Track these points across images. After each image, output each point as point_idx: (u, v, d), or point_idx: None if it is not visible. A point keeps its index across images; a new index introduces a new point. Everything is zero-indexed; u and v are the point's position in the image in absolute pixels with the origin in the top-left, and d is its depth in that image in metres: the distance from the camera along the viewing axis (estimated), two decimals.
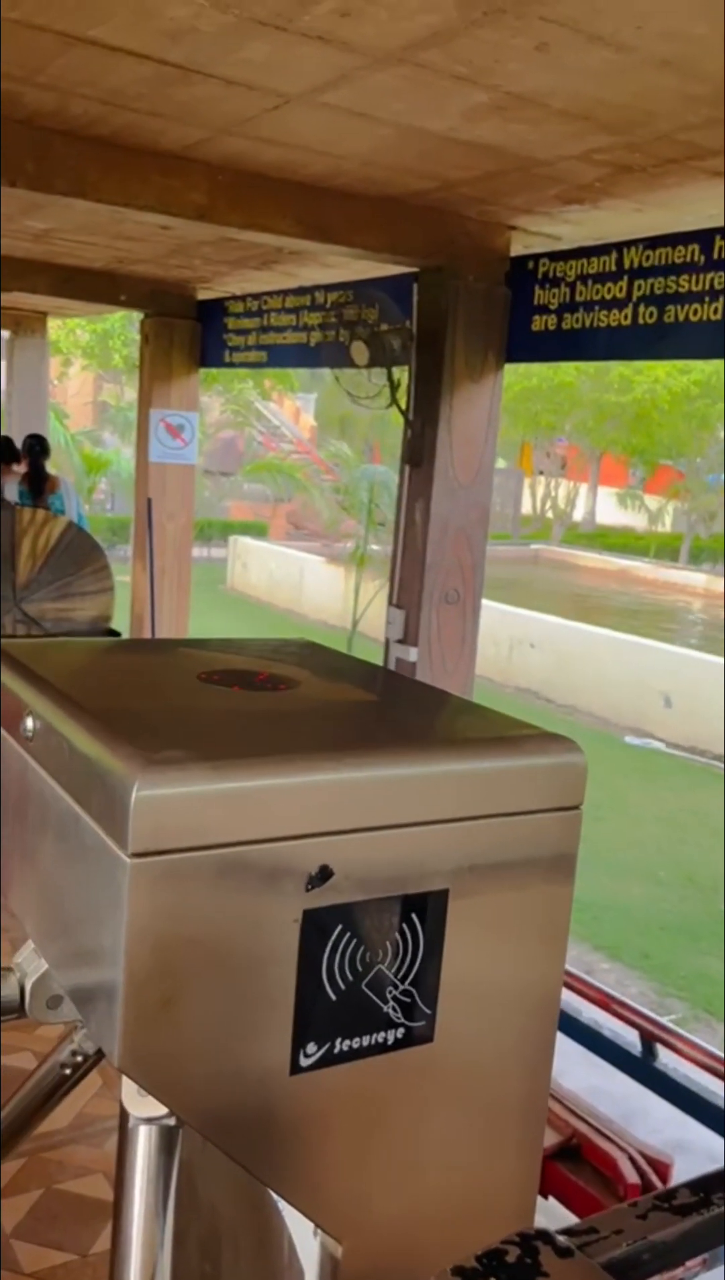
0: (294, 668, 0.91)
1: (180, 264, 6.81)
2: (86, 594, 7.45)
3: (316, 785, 0.63)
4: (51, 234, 6.20)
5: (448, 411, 5.25)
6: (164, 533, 8.22)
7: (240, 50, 3.09)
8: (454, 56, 3.02)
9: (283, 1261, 0.78)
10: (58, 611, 7.38)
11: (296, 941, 0.64)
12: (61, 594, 7.38)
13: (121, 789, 0.59)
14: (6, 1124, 0.95)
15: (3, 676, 0.84)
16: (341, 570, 17.64)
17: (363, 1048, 0.69)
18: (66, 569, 7.31)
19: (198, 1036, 0.63)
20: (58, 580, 7.31)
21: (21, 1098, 0.93)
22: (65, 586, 7.36)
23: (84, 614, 7.45)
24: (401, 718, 0.81)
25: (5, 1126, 0.95)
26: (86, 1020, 0.68)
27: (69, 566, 7.32)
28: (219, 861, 0.60)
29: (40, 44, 3.17)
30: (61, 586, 7.34)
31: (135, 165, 4.20)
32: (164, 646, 1.01)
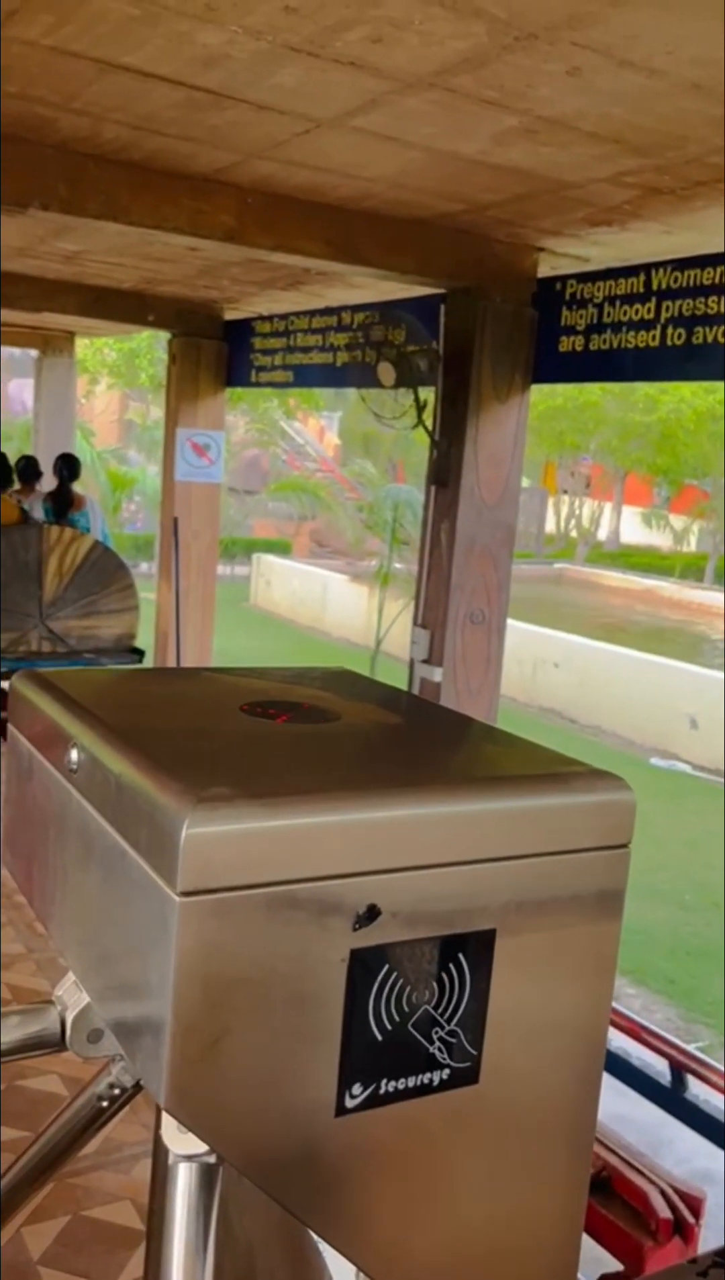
0: (335, 698, 0.91)
1: (208, 285, 6.87)
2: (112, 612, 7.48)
3: (366, 823, 0.62)
4: (81, 255, 6.27)
5: (474, 432, 5.26)
6: (189, 551, 8.26)
7: (272, 76, 3.12)
8: (485, 81, 3.04)
9: None
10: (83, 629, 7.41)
11: (343, 981, 0.63)
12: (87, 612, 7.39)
13: (171, 826, 0.58)
14: (41, 1155, 0.95)
15: (45, 706, 0.84)
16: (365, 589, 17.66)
17: (408, 1089, 0.68)
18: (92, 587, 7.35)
19: (244, 1076, 0.62)
20: (83, 598, 7.36)
21: (57, 1129, 0.93)
22: (91, 605, 7.40)
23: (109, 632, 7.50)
24: (449, 753, 0.80)
25: (40, 1158, 0.95)
26: (130, 1057, 0.68)
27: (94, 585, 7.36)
28: (267, 900, 0.60)
29: (75, 70, 3.21)
30: (87, 605, 7.38)
31: (166, 188, 4.25)
32: (203, 676, 1.00)
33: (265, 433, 22.74)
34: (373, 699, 0.96)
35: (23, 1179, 0.97)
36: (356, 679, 1.02)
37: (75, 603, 7.39)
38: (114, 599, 7.54)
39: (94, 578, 7.39)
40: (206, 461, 8.15)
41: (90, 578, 7.38)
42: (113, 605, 7.54)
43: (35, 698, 0.86)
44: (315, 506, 20.53)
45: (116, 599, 7.55)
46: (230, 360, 7.98)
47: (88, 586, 7.38)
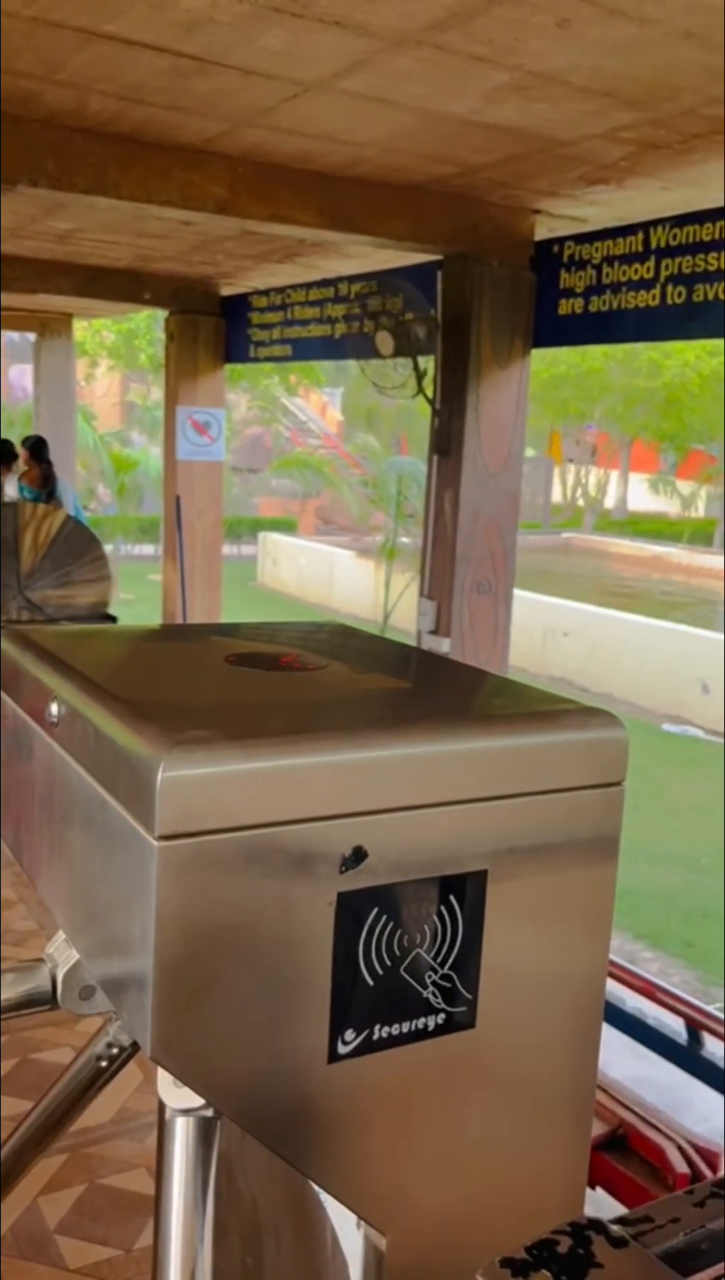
0: (325, 650, 0.89)
1: (203, 260, 6.81)
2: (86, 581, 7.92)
3: (348, 764, 0.61)
4: (75, 234, 6.22)
5: (475, 399, 5.21)
6: (193, 531, 8.24)
7: (257, 39, 3.07)
8: (473, 36, 2.98)
9: (326, 1254, 0.76)
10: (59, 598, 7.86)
11: (331, 925, 0.62)
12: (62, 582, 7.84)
13: (147, 770, 0.57)
14: (44, 1118, 0.94)
15: (28, 663, 0.83)
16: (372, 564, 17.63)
17: (403, 1034, 0.67)
18: (66, 559, 7.79)
19: (232, 1024, 0.61)
20: (58, 569, 7.81)
21: (59, 1092, 0.92)
22: (65, 575, 7.84)
23: (84, 600, 7.94)
24: (435, 695, 0.79)
25: (43, 1121, 0.94)
26: (119, 1011, 0.67)
27: (68, 557, 7.79)
28: (249, 843, 0.58)
29: (58, 41, 3.17)
30: (62, 575, 7.83)
31: (156, 161, 4.20)
32: (192, 632, 0.99)
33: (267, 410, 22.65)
34: (363, 650, 0.94)
35: (28, 1140, 0.97)
36: (351, 633, 1.00)
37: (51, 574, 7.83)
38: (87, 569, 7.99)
39: (67, 550, 7.82)
40: (208, 439, 8.11)
41: (64, 550, 7.82)
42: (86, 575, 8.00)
43: (18, 656, 0.84)
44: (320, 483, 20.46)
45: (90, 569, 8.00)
46: (228, 336, 7.92)
47: (62, 559, 7.82)
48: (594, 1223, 0.46)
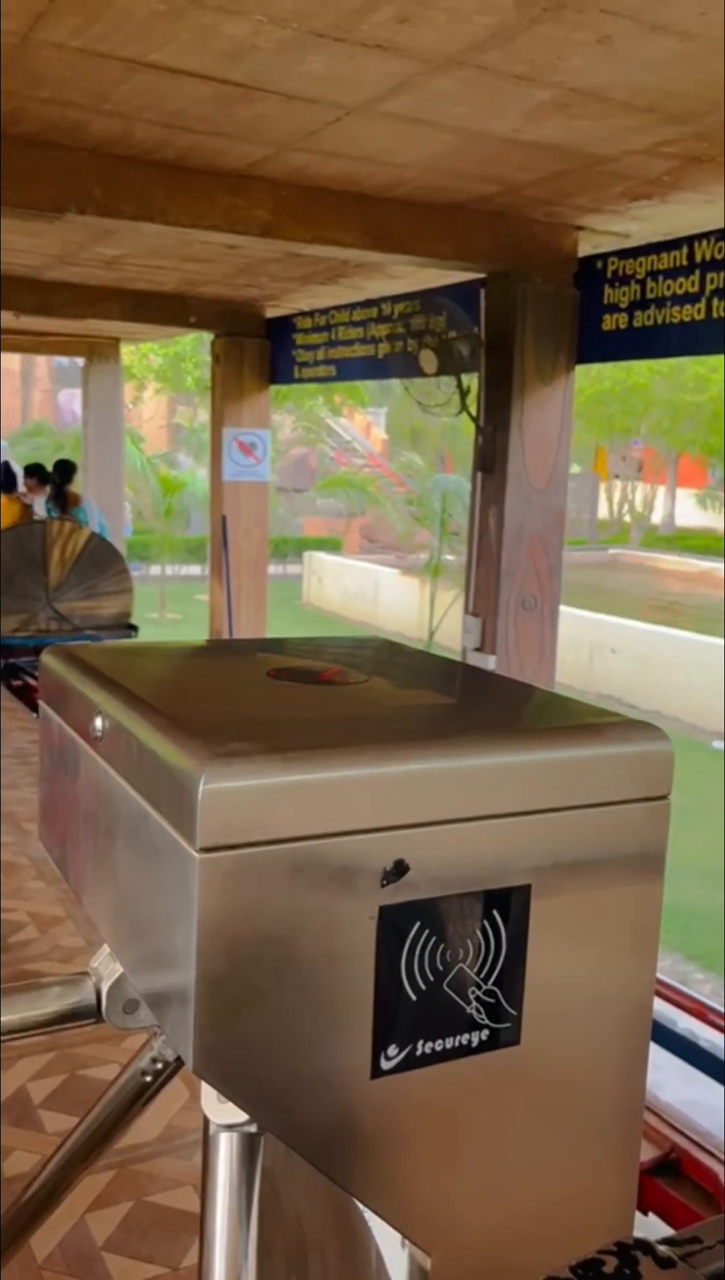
0: (367, 664, 0.89)
1: (248, 283, 6.89)
2: (109, 594, 8.68)
3: (390, 776, 0.61)
4: (122, 260, 6.33)
5: (519, 416, 5.20)
6: (239, 550, 8.30)
7: (300, 64, 3.11)
8: (514, 56, 3.00)
9: (370, 1274, 0.76)
10: (85, 609, 8.60)
11: (373, 939, 0.62)
12: (87, 594, 8.60)
13: (189, 783, 0.57)
14: (90, 1134, 0.94)
15: (72, 678, 0.84)
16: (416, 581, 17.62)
17: (446, 1050, 0.66)
18: (91, 573, 8.54)
19: (274, 1038, 0.61)
20: (84, 583, 8.57)
21: (103, 1107, 0.92)
22: (90, 588, 8.66)
23: (107, 611, 8.68)
24: (478, 708, 0.78)
25: (89, 1136, 0.94)
26: (162, 1024, 0.67)
27: (93, 571, 8.54)
28: (290, 856, 0.58)
29: (105, 71, 3.23)
30: (87, 588, 8.64)
31: (201, 186, 4.26)
32: (235, 647, 0.99)
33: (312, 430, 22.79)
34: (406, 664, 0.94)
35: (74, 1156, 0.97)
36: (394, 647, 1.00)
37: (77, 587, 8.58)
38: (111, 582, 8.67)
39: (92, 565, 8.54)
40: (253, 460, 8.18)
41: (89, 565, 8.53)
42: (110, 588, 8.69)
43: (63, 671, 0.85)
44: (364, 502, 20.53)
45: (113, 582, 8.69)
46: (273, 358, 8.00)
47: (87, 573, 8.54)
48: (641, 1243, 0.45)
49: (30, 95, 3.49)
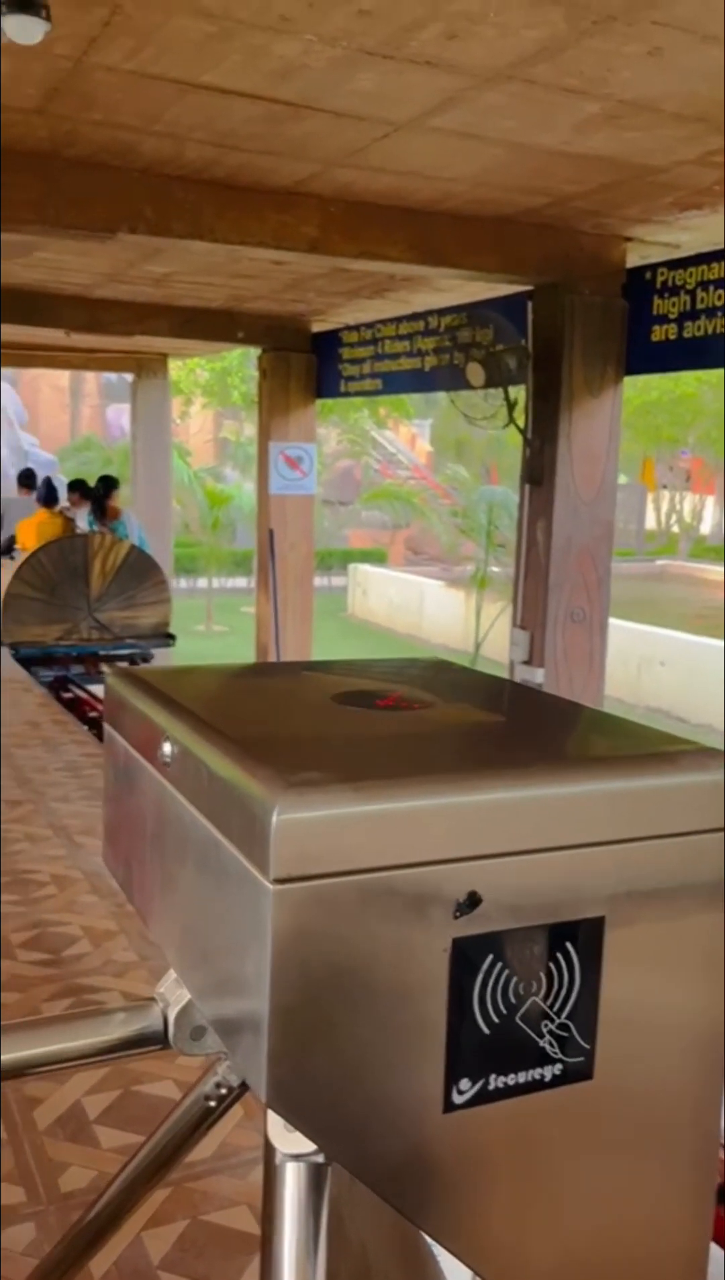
0: (428, 687, 0.89)
1: (295, 298, 6.93)
2: (148, 604, 9.01)
3: (463, 807, 0.60)
4: (171, 278, 6.40)
5: (567, 428, 5.18)
6: (286, 563, 8.34)
7: (349, 82, 3.13)
8: (564, 69, 2.99)
9: None
10: (124, 619, 8.93)
11: (446, 971, 0.61)
12: (127, 604, 8.93)
13: (262, 812, 0.57)
14: (152, 1156, 0.94)
15: (139, 702, 0.84)
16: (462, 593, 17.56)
17: (518, 1085, 0.65)
18: (130, 584, 8.88)
19: (347, 1071, 0.60)
20: (124, 593, 8.89)
21: (166, 1130, 0.92)
22: (130, 599, 8.93)
23: (146, 621, 9.00)
24: (546, 735, 0.77)
25: (152, 1159, 0.94)
26: (232, 1053, 0.67)
27: (133, 582, 8.89)
28: (363, 887, 0.58)
29: (156, 93, 3.28)
30: (127, 599, 8.92)
31: (249, 203, 4.30)
32: (295, 669, 0.99)
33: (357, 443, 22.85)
34: (470, 687, 0.93)
35: (137, 1179, 0.97)
36: (454, 669, 0.99)
37: (117, 597, 8.89)
38: (150, 593, 9.01)
39: (132, 576, 8.88)
40: (300, 474, 8.22)
41: (128, 576, 8.87)
42: (149, 598, 9.02)
43: (127, 694, 0.86)
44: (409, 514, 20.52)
45: (152, 593, 9.02)
46: (319, 372, 8.03)
47: (127, 584, 8.88)
48: None
49: (83, 118, 3.55)
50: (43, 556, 8.78)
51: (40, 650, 8.68)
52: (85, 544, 8.95)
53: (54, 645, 8.75)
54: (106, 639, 8.90)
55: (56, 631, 8.77)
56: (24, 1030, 0.83)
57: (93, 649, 8.98)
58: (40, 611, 8.72)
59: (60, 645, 8.76)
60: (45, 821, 4.03)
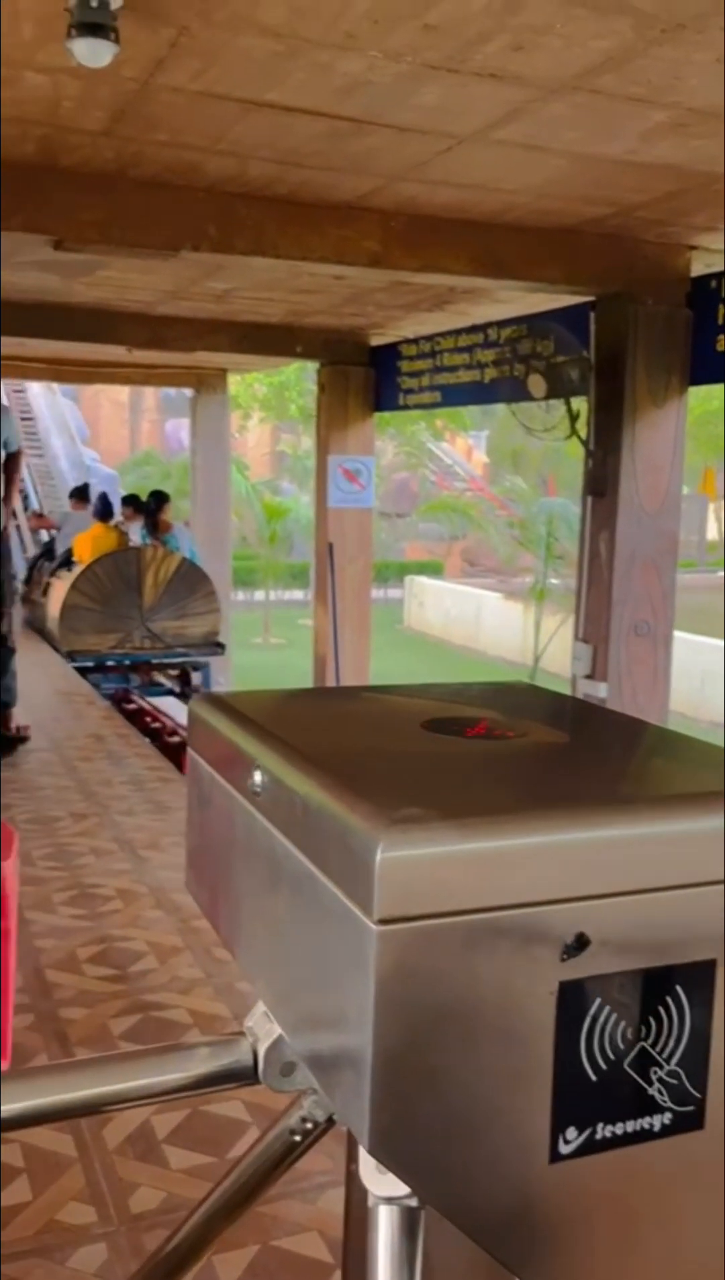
0: (517, 712, 0.86)
1: (354, 312, 6.94)
2: (198, 614, 9.39)
3: (571, 845, 0.58)
4: (232, 294, 6.45)
5: (630, 439, 5.11)
6: (343, 575, 8.34)
7: (413, 97, 3.13)
8: (630, 78, 2.96)
9: None
10: (176, 629, 9.30)
11: (552, 1016, 0.58)
12: (179, 614, 9.30)
13: (364, 850, 0.55)
14: (235, 1189, 0.93)
15: (224, 728, 0.83)
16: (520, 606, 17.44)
17: (627, 1134, 0.62)
18: (181, 594, 9.27)
19: (450, 1117, 0.58)
20: (175, 604, 9.27)
21: (250, 1163, 0.91)
22: (181, 608, 9.29)
23: (196, 630, 9.39)
24: (647, 766, 0.75)
25: (234, 1192, 0.93)
26: (329, 1094, 0.65)
27: (183, 592, 9.28)
28: (468, 928, 0.56)
29: (220, 112, 3.30)
30: (178, 609, 9.28)
31: (311, 219, 4.31)
32: (378, 693, 0.98)
33: (413, 455, 22.85)
34: (558, 712, 0.91)
35: (218, 1211, 0.95)
36: (537, 692, 0.97)
37: (169, 607, 9.27)
38: (200, 603, 9.39)
39: (183, 587, 9.27)
40: (358, 487, 8.22)
41: (180, 587, 9.26)
42: (199, 609, 9.39)
43: (213, 720, 0.85)
44: (466, 526, 20.46)
45: (202, 603, 9.40)
46: (378, 385, 8.04)
47: (178, 594, 9.26)
48: None
49: (148, 139, 3.59)
50: (98, 569, 9.15)
51: (95, 659, 9.03)
52: (138, 556, 9.31)
53: (108, 654, 9.09)
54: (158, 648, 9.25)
55: (111, 640, 9.12)
56: (107, 1065, 0.82)
57: (145, 657, 9.30)
58: (95, 621, 9.09)
59: (114, 654, 9.11)
60: (110, 835, 4.06)
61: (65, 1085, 0.77)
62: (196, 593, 9.38)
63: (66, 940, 3.06)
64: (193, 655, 9.48)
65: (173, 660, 9.44)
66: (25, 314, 6.85)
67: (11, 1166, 1.97)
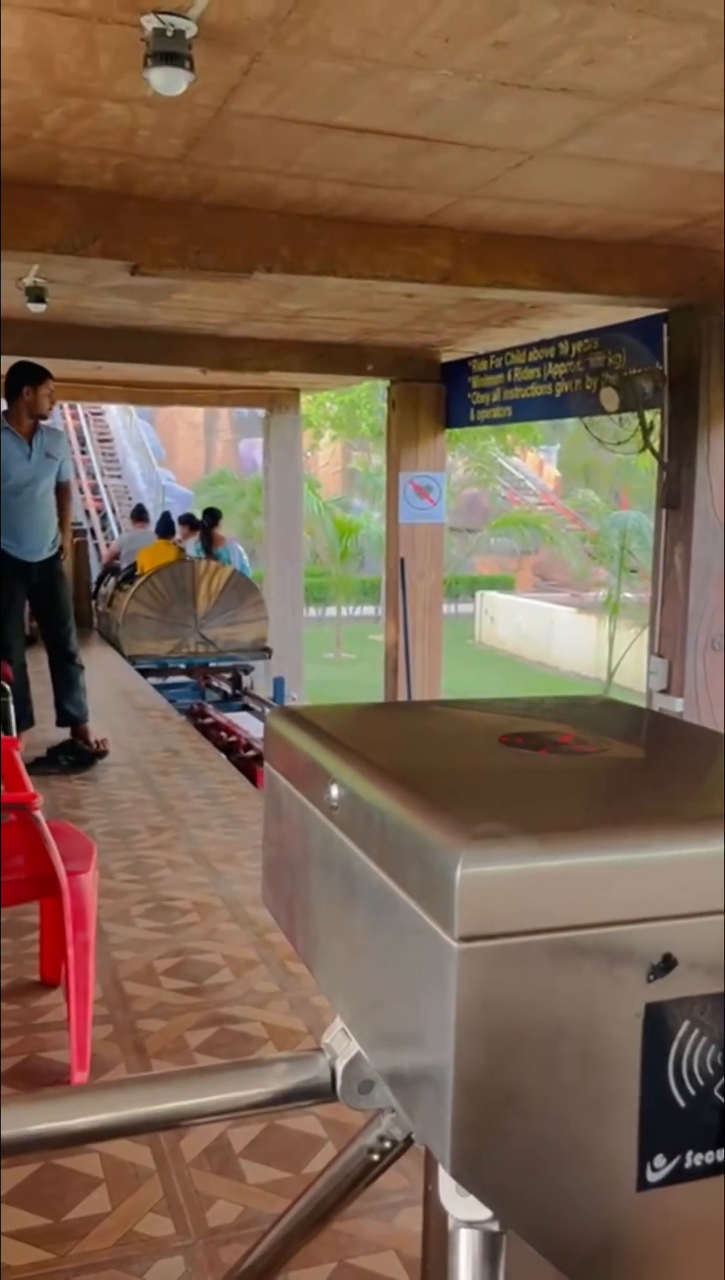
0: (597, 727, 0.85)
1: (424, 329, 6.96)
2: (247, 621, 10.27)
3: (656, 862, 0.57)
4: (303, 314, 6.51)
5: (705, 450, 5.03)
6: (414, 591, 8.33)
7: (483, 114, 3.13)
8: (704, 87, 2.92)
9: None
10: (227, 635, 10.22)
11: (639, 1039, 0.57)
12: (230, 622, 10.21)
13: (444, 866, 0.55)
14: (312, 1208, 0.93)
15: (300, 741, 0.83)
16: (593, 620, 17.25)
17: (717, 1164, 0.60)
18: (232, 603, 10.19)
19: (533, 1140, 0.57)
20: (226, 612, 10.19)
21: (327, 1181, 0.90)
22: (232, 616, 10.20)
23: (246, 636, 10.31)
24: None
25: (311, 1210, 0.92)
26: (409, 1114, 0.64)
27: (235, 602, 10.21)
28: (551, 947, 0.55)
29: (292, 136, 3.34)
30: (229, 617, 10.20)
31: (381, 238, 4.34)
32: (454, 707, 0.97)
33: (484, 471, 22.80)
34: (636, 726, 0.89)
35: (296, 1229, 0.95)
36: (617, 706, 0.95)
37: (220, 615, 10.18)
38: (249, 611, 10.29)
39: (235, 597, 10.21)
40: (429, 503, 8.22)
41: (231, 597, 10.20)
42: (248, 616, 10.28)
43: (289, 733, 0.85)
44: (537, 540, 20.32)
45: (251, 611, 10.30)
46: (448, 402, 8.04)
47: (229, 603, 10.20)
48: None
49: (222, 165, 3.65)
50: (157, 580, 10.11)
51: (155, 662, 9.94)
52: (192, 569, 10.30)
53: (166, 657, 10.05)
54: (212, 652, 10.22)
55: (168, 646, 10.08)
56: (186, 1080, 0.82)
57: (201, 660, 10.28)
58: (154, 629, 10.02)
59: (171, 657, 10.07)
60: (186, 849, 4.09)
61: (143, 1099, 0.77)
62: (246, 601, 10.25)
63: (144, 952, 3.09)
64: (243, 659, 10.38)
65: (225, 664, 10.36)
66: (103, 338, 7.01)
67: (91, 1177, 1.99)
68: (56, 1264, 1.76)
